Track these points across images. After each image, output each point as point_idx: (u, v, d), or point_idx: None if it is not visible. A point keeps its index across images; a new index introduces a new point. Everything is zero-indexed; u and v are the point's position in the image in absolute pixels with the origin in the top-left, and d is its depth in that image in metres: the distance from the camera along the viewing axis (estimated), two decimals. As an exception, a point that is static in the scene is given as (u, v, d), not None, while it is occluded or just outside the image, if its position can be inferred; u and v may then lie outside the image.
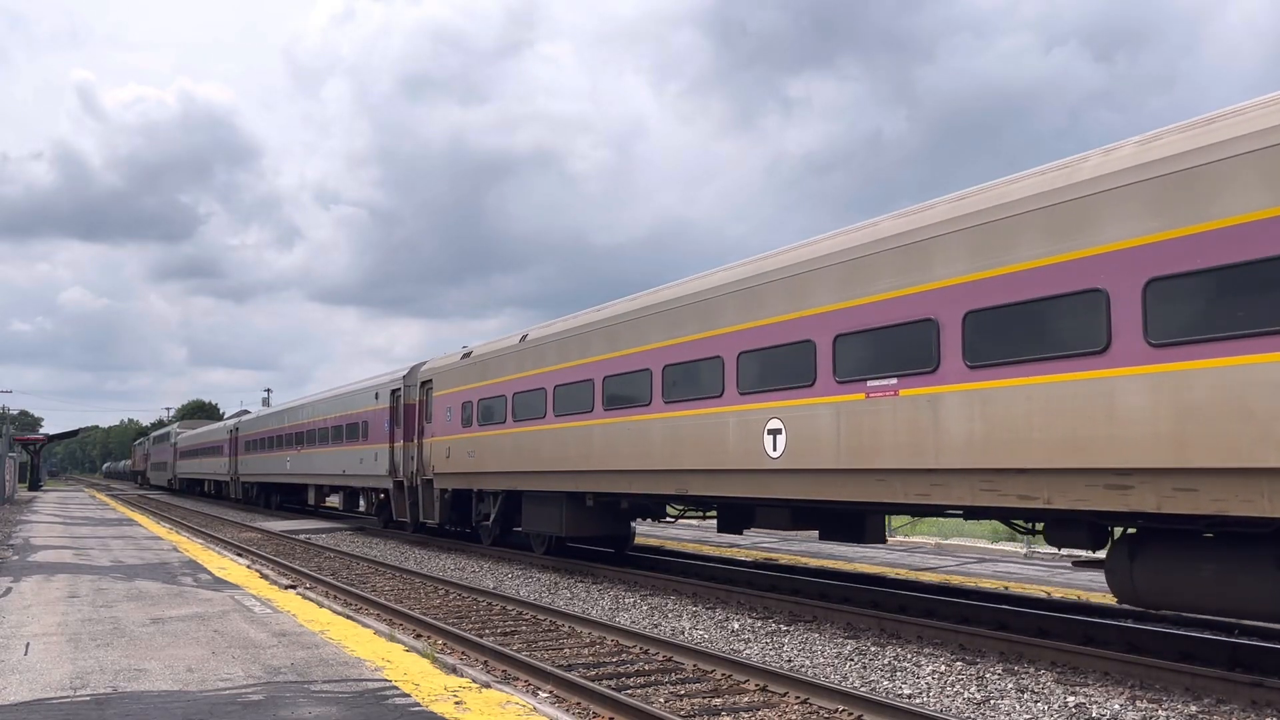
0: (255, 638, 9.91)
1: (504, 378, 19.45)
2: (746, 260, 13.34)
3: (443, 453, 22.39)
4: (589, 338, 16.41)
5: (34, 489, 69.80)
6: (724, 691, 8.75)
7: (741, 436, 12.55)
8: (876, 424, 10.57)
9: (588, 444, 16.12)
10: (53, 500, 51.08)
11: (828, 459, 11.17)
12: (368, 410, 28.07)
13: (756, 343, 12.45)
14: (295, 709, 6.98)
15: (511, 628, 12.15)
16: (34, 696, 7.42)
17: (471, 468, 20.75)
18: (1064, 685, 8.63)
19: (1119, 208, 8.37)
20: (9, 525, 28.89)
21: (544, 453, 17.57)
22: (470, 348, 22.08)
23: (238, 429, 47.58)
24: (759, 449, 12.19)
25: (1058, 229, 8.79)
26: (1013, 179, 9.72)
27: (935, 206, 10.39)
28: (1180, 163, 7.98)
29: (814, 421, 11.39)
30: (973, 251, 9.56)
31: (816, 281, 11.51)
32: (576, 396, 16.56)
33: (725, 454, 12.86)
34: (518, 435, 18.67)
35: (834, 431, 11.09)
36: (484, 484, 20.60)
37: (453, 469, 21.85)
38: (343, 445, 30.55)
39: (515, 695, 7.63)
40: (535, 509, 18.60)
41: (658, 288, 15.34)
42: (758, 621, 12.19)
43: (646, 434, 14.55)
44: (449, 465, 22.02)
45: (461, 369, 21.78)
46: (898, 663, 9.70)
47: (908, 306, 10.23)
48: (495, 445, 19.63)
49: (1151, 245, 8.07)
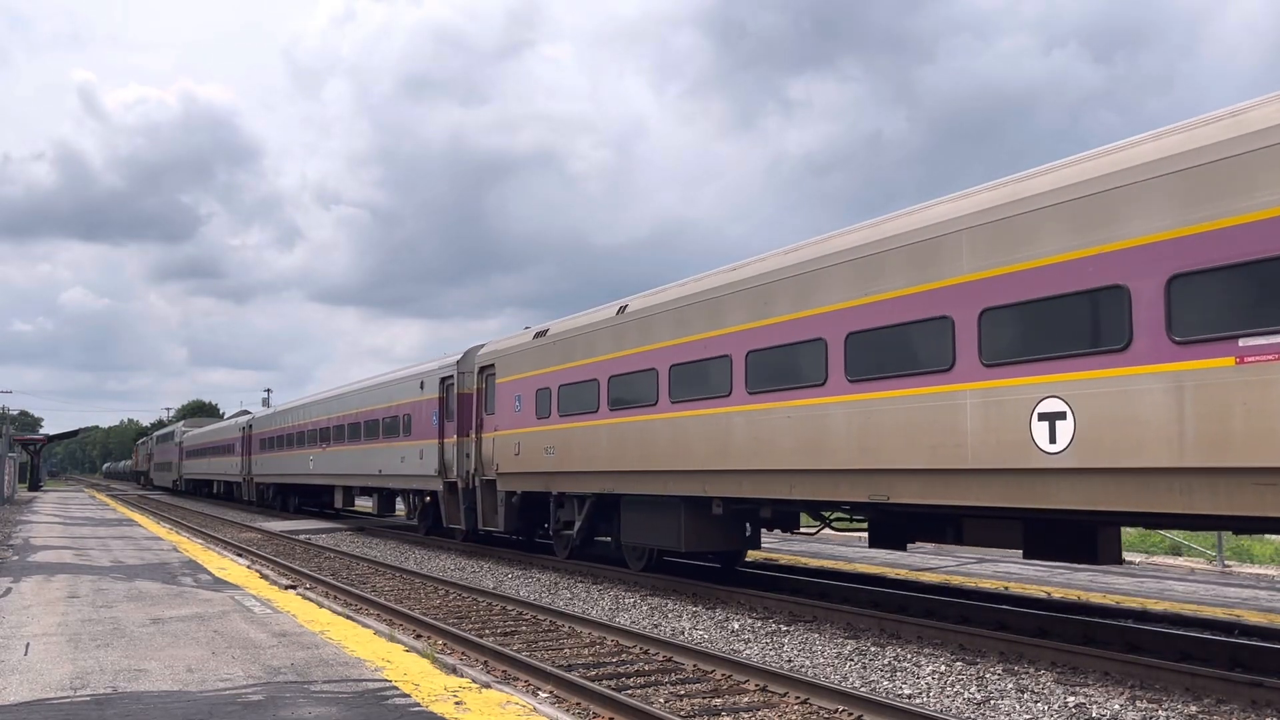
0: (255, 638, 9.91)
1: (595, 358, 16.18)
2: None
3: (509, 449, 19.11)
4: (722, 304, 13.14)
5: (34, 489, 69.80)
6: (724, 691, 8.75)
7: (989, 424, 9.36)
8: (1256, 401, 7.40)
9: (722, 437, 12.97)
10: (53, 500, 51.07)
11: (1161, 454, 7.96)
12: (410, 402, 24.80)
13: (1015, 294, 9.17)
14: (295, 709, 6.98)
15: (511, 628, 12.15)
16: (34, 697, 7.42)
17: (549, 466, 17.49)
18: (1064, 685, 8.63)
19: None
20: (9, 525, 28.88)
21: (655, 448, 14.45)
22: (544, 325, 18.87)
23: (251, 426, 44.48)
24: (1022, 440, 9.01)
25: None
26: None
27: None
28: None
29: (1128, 401, 8.20)
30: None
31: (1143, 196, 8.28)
32: (704, 378, 13.40)
33: (958, 448, 9.63)
34: (617, 427, 15.45)
35: (1172, 414, 7.88)
36: (565, 486, 17.18)
37: (523, 468, 18.56)
38: (378, 442, 27.41)
39: (515, 695, 7.63)
40: (639, 517, 15.51)
41: (830, 234, 12.10)
42: (758, 621, 12.19)
43: (820, 424, 11.33)
44: (518, 464, 18.76)
45: (535, 350, 18.39)
46: (898, 663, 9.70)
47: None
48: (584, 439, 16.38)
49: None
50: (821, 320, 11.41)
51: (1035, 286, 8.97)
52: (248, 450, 44.71)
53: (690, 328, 13.79)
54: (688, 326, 13.85)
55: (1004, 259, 9.30)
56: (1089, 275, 8.54)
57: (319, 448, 33.41)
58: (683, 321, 13.97)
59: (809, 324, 11.61)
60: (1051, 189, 9.02)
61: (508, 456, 19.21)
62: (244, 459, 45.15)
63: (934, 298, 9.98)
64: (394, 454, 25.87)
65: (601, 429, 15.89)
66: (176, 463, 65.52)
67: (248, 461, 44.67)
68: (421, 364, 25.48)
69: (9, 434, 60.78)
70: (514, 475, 19.05)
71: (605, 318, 16.22)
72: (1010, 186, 9.62)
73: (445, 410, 22.70)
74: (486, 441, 20.40)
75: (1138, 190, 8.28)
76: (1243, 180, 7.53)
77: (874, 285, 10.73)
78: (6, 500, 47.58)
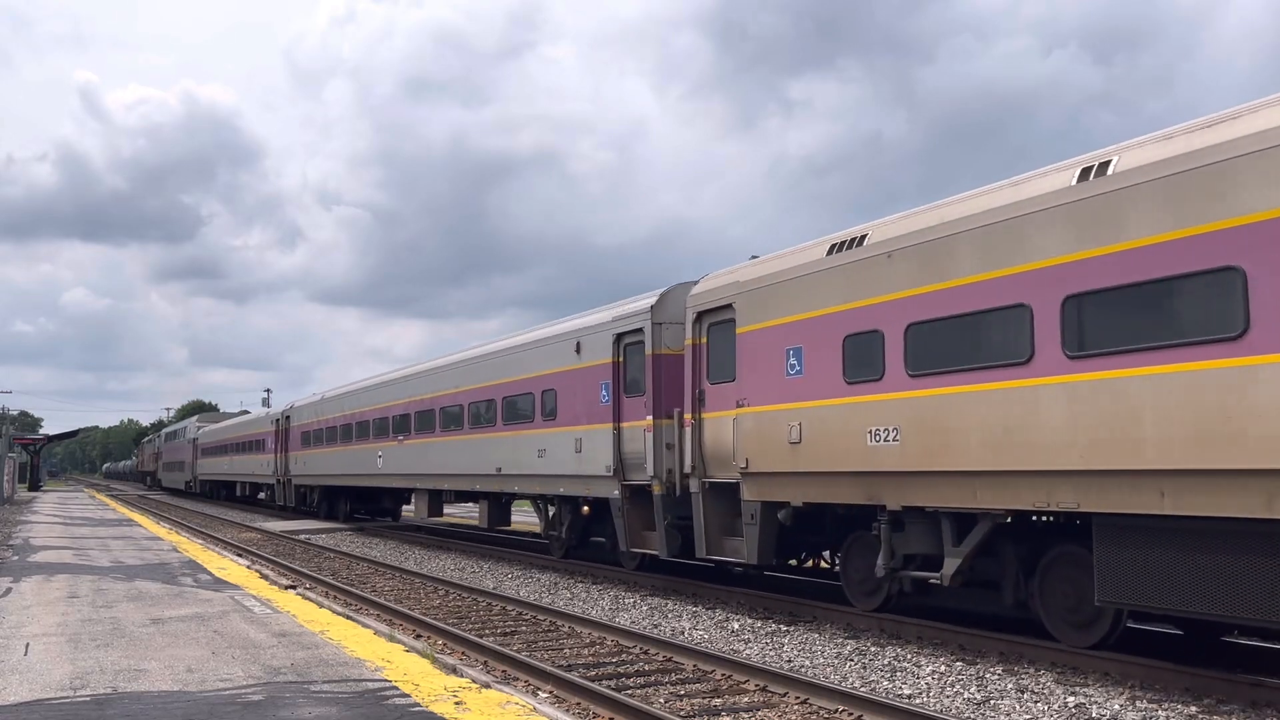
0: (255, 638, 9.91)
1: (1042, 262, 9.23)
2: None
3: (774, 434, 12.29)
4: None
5: (34, 489, 69.84)
6: (724, 691, 8.75)
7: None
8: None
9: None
10: (52, 501, 51.10)
11: None
12: (555, 373, 17.98)
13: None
14: (295, 709, 6.98)
15: (511, 628, 12.15)
16: (34, 697, 7.42)
17: (883, 463, 10.83)
18: (1064, 685, 8.63)
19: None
20: (9, 526, 28.89)
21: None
22: (847, 232, 11.88)
23: (289, 418, 37.79)
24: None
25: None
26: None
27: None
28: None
29: None
30: None
31: None
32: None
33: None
34: (1102, 387, 8.69)
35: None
36: (923, 495, 10.50)
37: (808, 464, 11.81)
38: (495, 430, 20.25)
39: (515, 695, 7.63)
40: (1167, 560, 8.33)
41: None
42: (758, 621, 12.19)
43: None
44: (797, 458, 11.94)
45: (836, 274, 11.59)
46: (898, 663, 9.70)
47: None
48: (988, 413, 9.67)
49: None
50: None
51: None
52: (283, 446, 38.26)
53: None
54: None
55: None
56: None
57: (393, 440, 26.49)
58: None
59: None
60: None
61: (771, 446, 12.39)
62: (278, 457, 38.84)
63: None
64: (524, 445, 18.89)
65: (1051, 392, 9.11)
66: (190, 462, 60.33)
67: (283, 460, 38.23)
68: (575, 318, 18.24)
69: (9, 434, 60.81)
70: (783, 477, 12.27)
71: (1045, 192, 9.38)
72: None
73: (622, 380, 15.92)
74: (716, 425, 13.48)
75: None
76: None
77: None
78: (6, 500, 47.60)
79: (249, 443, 44.37)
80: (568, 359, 17.49)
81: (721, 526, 13.64)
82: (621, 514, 15.57)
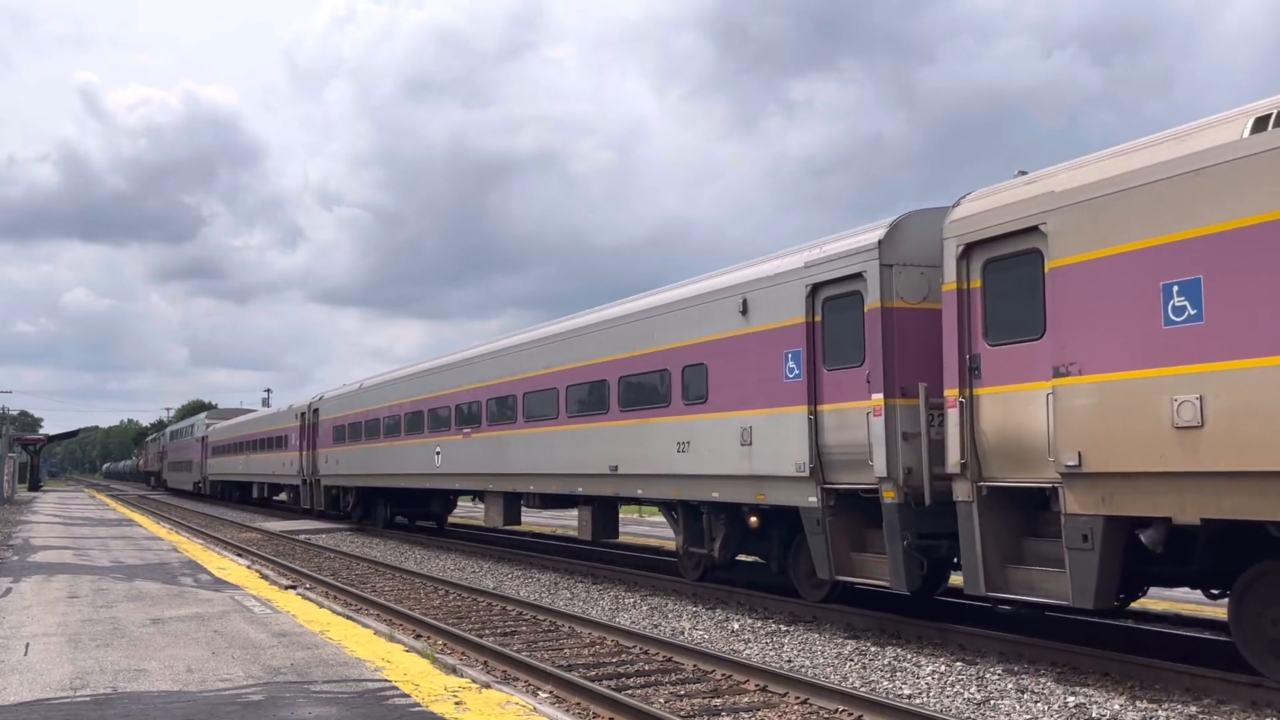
0: (255, 638, 9.91)
1: None
2: None
3: (1150, 413, 8.10)
4: None
5: (34, 489, 69.85)
6: (724, 692, 8.76)
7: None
8: None
9: None
10: (52, 501, 51.10)
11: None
12: (706, 342, 13.71)
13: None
14: (295, 709, 6.98)
15: (511, 628, 12.16)
16: (34, 697, 7.42)
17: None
18: (1064, 685, 8.63)
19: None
20: (9, 525, 28.89)
21: None
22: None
23: (317, 411, 33.42)
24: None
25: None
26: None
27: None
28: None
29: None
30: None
31: None
32: None
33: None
34: None
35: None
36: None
37: (1216, 460, 7.67)
38: (607, 418, 16.06)
39: (515, 695, 7.63)
40: None
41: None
42: (758, 621, 12.19)
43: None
44: (1197, 449, 7.77)
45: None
46: (898, 663, 9.70)
47: None
48: None
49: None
50: None
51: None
52: (310, 443, 33.88)
53: None
54: None
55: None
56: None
57: (457, 434, 22.18)
58: None
59: None
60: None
61: (1134, 432, 8.22)
62: (305, 455, 34.35)
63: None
64: (655, 437, 14.71)
65: None
66: (199, 461, 56.34)
67: (311, 458, 33.78)
68: (721, 273, 14.18)
69: (9, 434, 60.80)
70: (1157, 479, 8.11)
71: None
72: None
73: (820, 347, 11.75)
74: (1005, 402, 9.47)
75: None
76: None
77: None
78: (6, 500, 47.60)
79: (269, 439, 40.15)
80: (726, 323, 13.25)
81: (1004, 551, 9.60)
82: (823, 529, 11.45)
